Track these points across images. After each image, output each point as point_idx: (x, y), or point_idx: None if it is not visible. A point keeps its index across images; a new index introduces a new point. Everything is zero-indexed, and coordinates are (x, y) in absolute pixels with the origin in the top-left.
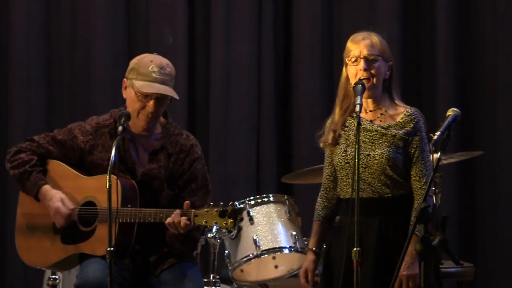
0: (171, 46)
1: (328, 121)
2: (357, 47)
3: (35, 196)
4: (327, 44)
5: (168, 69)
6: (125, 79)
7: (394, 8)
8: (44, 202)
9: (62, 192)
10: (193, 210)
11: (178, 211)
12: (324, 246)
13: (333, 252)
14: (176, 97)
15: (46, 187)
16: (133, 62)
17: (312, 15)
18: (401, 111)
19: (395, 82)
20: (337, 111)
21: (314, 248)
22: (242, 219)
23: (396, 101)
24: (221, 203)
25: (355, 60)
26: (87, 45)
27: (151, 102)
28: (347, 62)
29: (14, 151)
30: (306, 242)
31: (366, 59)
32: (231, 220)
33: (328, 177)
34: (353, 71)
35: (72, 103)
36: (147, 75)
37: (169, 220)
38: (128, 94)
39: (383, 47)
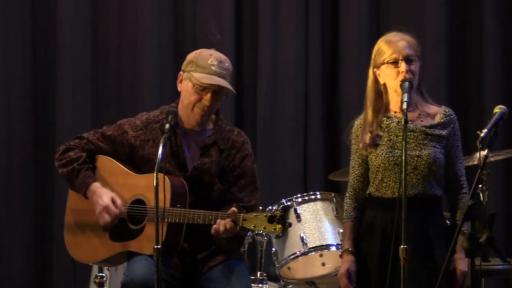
0: (218, 43)
1: (357, 123)
2: (396, 48)
3: (84, 194)
4: (374, 41)
5: (226, 64)
6: (181, 72)
7: (441, 6)
8: (92, 199)
9: (111, 189)
10: (242, 214)
11: (227, 220)
12: None
13: (364, 248)
14: (234, 91)
15: (96, 185)
16: (191, 55)
17: (359, 12)
18: (438, 110)
19: (423, 82)
20: (369, 112)
21: (351, 249)
22: (290, 225)
23: (427, 99)
24: (269, 207)
25: (394, 62)
26: (135, 43)
27: (208, 95)
28: (383, 63)
29: (63, 150)
30: None
31: (406, 60)
32: (280, 226)
33: (358, 177)
34: (392, 73)
35: (119, 102)
36: (206, 68)
37: (215, 227)
38: (185, 86)
39: (417, 47)
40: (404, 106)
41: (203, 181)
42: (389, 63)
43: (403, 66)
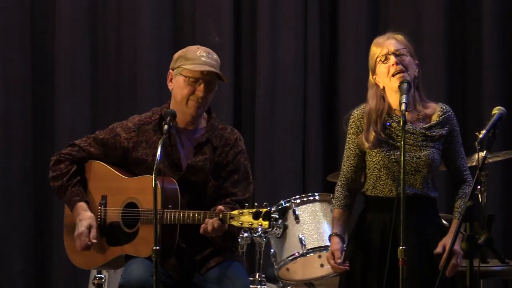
0: (217, 44)
1: (357, 113)
2: (384, 46)
3: (71, 211)
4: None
5: (214, 56)
6: (170, 71)
7: (439, 7)
8: (75, 218)
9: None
10: (229, 212)
11: (214, 219)
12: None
13: (363, 251)
14: (225, 80)
15: (80, 205)
16: (178, 53)
17: (358, 14)
18: (435, 109)
19: (422, 81)
20: (373, 113)
21: (335, 232)
22: (277, 220)
23: (424, 98)
24: (256, 203)
25: (385, 59)
26: (134, 44)
27: (201, 86)
28: (376, 63)
29: (55, 161)
30: None
31: (395, 54)
32: (266, 222)
33: (352, 168)
34: (384, 70)
35: (118, 102)
36: (196, 59)
37: (203, 227)
38: (176, 82)
39: (408, 43)
40: (403, 107)
41: (197, 179)
42: (380, 61)
43: (392, 59)
